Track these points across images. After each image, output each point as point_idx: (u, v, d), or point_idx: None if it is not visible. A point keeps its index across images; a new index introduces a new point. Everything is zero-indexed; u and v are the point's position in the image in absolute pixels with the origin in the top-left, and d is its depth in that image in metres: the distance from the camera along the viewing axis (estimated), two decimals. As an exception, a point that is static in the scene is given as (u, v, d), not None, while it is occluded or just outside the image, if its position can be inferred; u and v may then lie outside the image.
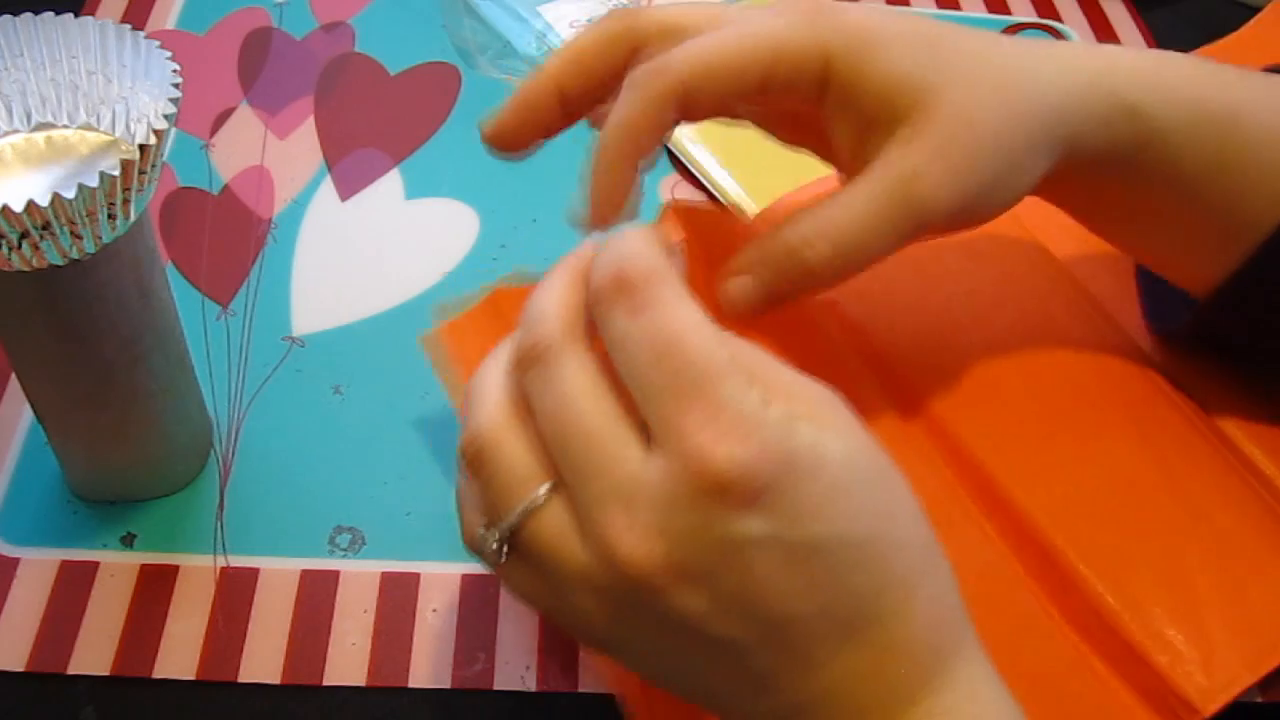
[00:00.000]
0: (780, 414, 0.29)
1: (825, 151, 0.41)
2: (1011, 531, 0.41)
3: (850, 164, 0.38)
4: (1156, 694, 0.38)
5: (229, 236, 0.55)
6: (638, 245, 0.31)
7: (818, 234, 0.37)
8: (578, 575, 0.30)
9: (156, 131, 0.35)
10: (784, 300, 0.38)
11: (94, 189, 0.34)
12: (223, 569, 0.44)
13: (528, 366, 0.31)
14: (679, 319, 0.30)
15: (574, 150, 0.59)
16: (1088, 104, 0.39)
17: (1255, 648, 0.39)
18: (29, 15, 0.38)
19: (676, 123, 0.37)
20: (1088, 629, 0.40)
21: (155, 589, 0.44)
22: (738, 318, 0.38)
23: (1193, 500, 0.42)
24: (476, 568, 0.45)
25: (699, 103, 0.37)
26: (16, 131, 0.39)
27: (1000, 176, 0.38)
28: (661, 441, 0.29)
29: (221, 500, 0.46)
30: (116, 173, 0.34)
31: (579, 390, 0.30)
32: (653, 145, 0.37)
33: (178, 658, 0.42)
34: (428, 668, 0.42)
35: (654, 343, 0.29)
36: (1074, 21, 0.71)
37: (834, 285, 0.38)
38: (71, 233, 0.35)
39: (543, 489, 0.31)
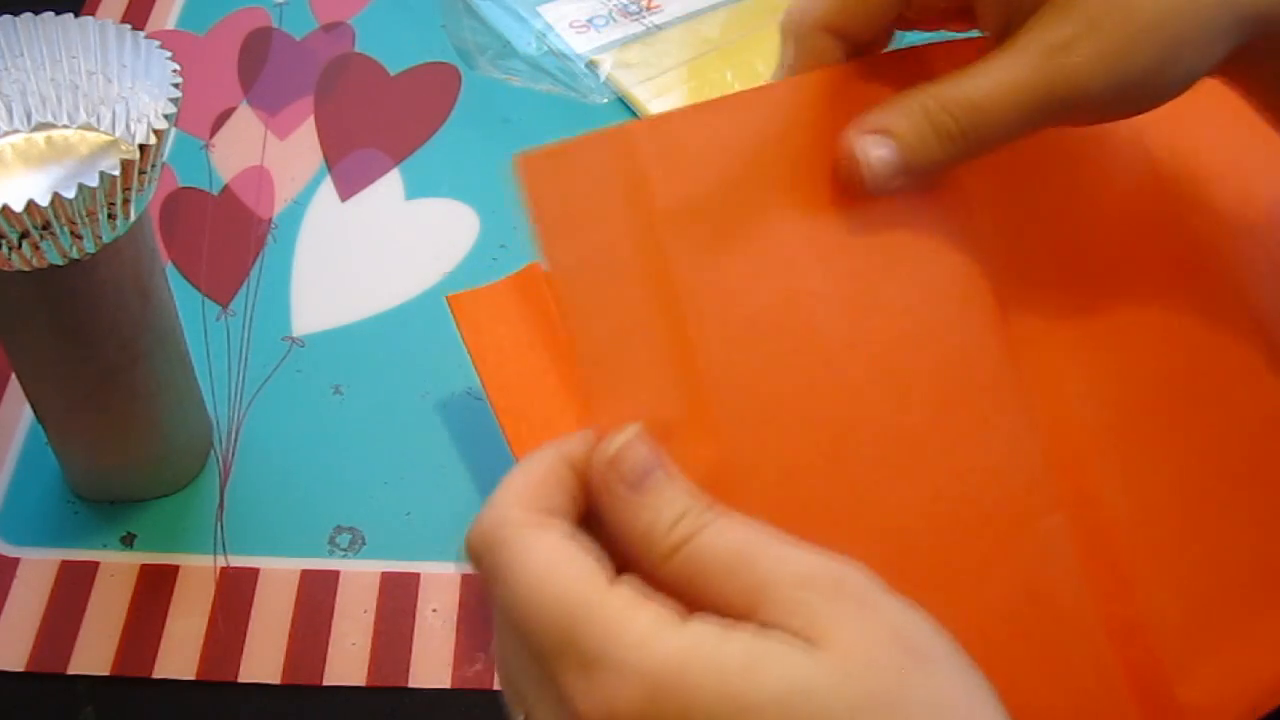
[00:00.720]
0: (675, 643, 0.26)
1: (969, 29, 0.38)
2: (1082, 523, 0.38)
3: (998, 40, 0.35)
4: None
5: (229, 236, 0.55)
6: (492, 507, 0.29)
7: (953, 98, 0.33)
8: None
9: (156, 131, 0.35)
10: (924, 172, 0.34)
11: (94, 189, 0.34)
12: (223, 569, 0.44)
13: None
14: (528, 576, 0.27)
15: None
16: None
17: (1260, 692, 0.39)
18: (29, 15, 0.38)
19: (850, 55, 0.35)
20: (1124, 639, 0.39)
21: (155, 589, 0.44)
22: (876, 191, 0.34)
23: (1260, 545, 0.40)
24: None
25: (851, 35, 0.35)
26: (16, 131, 0.39)
27: (1165, 59, 0.33)
28: (554, 704, 0.27)
29: (221, 500, 0.46)
30: (116, 173, 0.34)
31: (503, 641, 0.29)
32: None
33: (178, 658, 0.42)
34: (428, 668, 0.42)
35: (513, 610, 0.27)
36: None
37: (969, 160, 0.35)
38: (71, 233, 0.35)
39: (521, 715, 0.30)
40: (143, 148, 0.35)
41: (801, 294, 0.34)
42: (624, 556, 0.29)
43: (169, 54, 0.38)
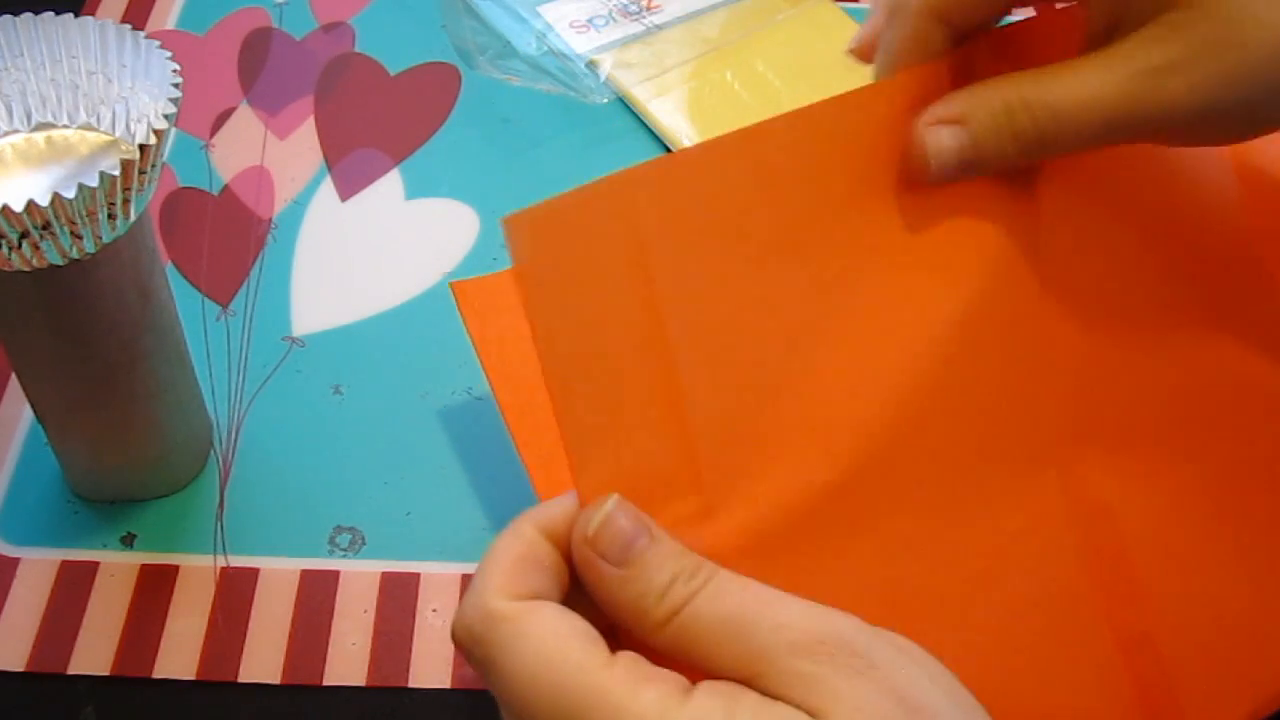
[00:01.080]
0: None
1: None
2: (1098, 532, 0.38)
3: (1101, 42, 0.33)
4: None
5: (229, 236, 0.55)
6: (473, 597, 0.29)
7: (1037, 99, 0.32)
8: None
9: (156, 131, 0.35)
10: (991, 167, 0.34)
11: (94, 189, 0.34)
12: (223, 569, 0.44)
13: None
14: (523, 668, 0.27)
15: (575, 152, 0.60)
16: None
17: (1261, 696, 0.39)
18: (29, 15, 0.38)
19: (953, 39, 0.34)
20: (1134, 649, 0.38)
21: (155, 589, 0.44)
22: (938, 179, 0.34)
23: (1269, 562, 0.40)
24: (476, 567, 0.45)
25: (956, 21, 0.34)
26: (16, 131, 0.39)
27: (1268, 96, 0.32)
28: None
29: (221, 500, 0.46)
30: (116, 173, 0.34)
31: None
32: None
33: (178, 658, 0.42)
34: (428, 668, 0.42)
35: (512, 703, 0.27)
36: None
37: (1041, 160, 0.34)
38: (71, 233, 0.35)
39: None
40: (143, 148, 0.35)
41: (805, 339, 0.33)
42: (616, 619, 0.29)
43: (169, 54, 0.38)
